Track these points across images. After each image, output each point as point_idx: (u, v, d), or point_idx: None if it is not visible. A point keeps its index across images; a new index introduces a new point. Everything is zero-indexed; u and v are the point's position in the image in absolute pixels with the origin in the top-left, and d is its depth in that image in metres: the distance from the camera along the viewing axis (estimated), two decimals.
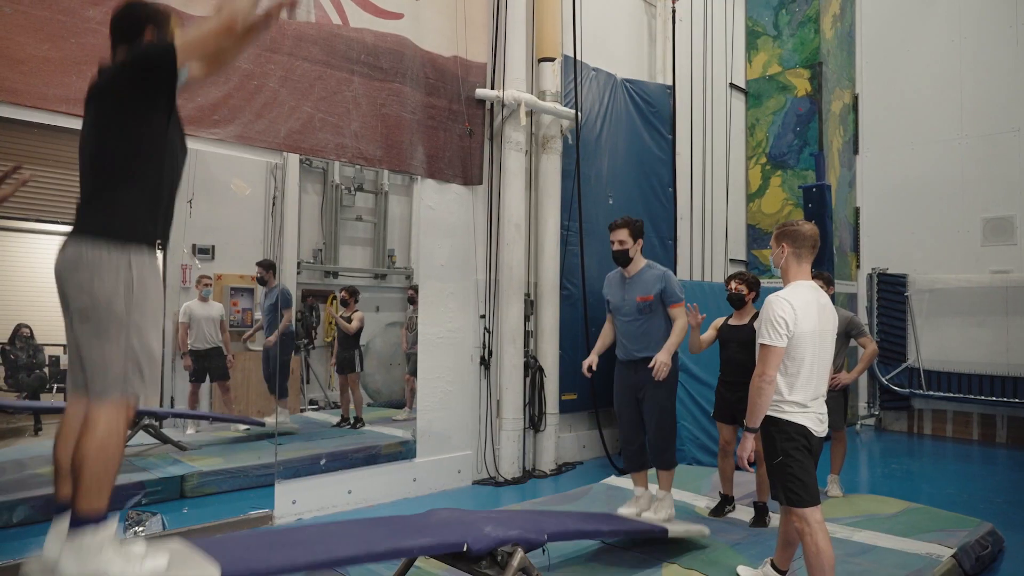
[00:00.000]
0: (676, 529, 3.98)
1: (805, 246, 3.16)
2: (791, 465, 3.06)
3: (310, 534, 3.06)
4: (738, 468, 4.45)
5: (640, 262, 4.36)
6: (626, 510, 4.36)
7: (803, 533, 3.05)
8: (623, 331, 4.39)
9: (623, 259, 4.34)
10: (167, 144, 2.42)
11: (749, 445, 3.17)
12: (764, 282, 5.76)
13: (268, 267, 6.00)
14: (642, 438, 4.41)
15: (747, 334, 4.54)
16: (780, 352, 3.02)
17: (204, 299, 5.97)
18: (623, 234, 4.29)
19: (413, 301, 6.37)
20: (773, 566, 3.53)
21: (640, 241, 4.35)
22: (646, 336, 4.27)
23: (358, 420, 6.49)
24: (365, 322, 6.58)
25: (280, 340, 5.97)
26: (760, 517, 4.55)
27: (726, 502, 4.78)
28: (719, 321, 4.89)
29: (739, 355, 4.59)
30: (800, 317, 3.02)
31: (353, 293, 6.49)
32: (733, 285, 4.80)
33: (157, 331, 2.40)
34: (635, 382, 4.32)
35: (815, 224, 3.30)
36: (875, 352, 5.31)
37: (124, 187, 2.33)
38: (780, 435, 3.10)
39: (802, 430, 3.08)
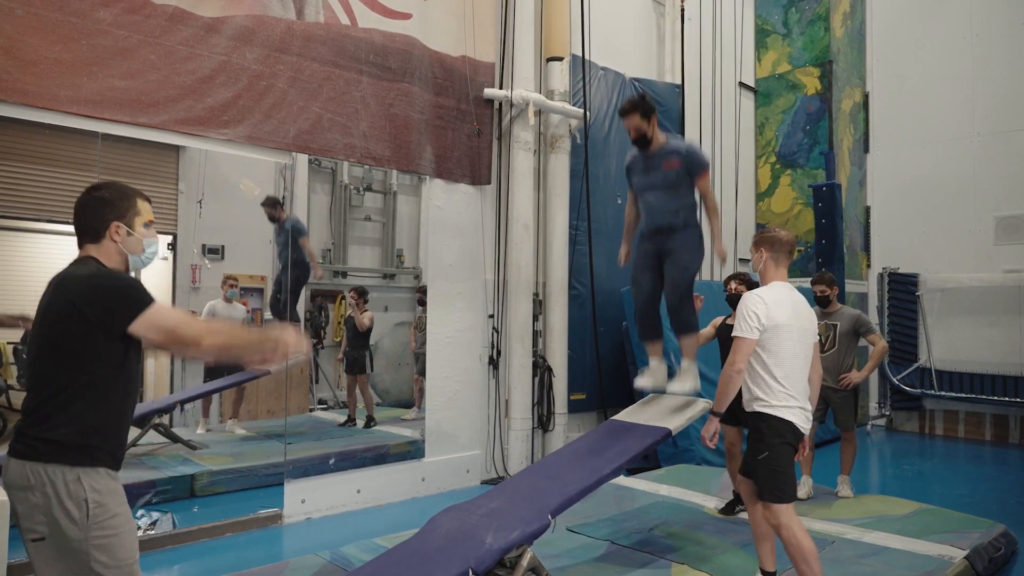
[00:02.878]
0: (679, 421, 3.96)
1: (782, 251, 3.32)
2: (777, 460, 3.12)
3: None
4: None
5: (660, 138, 4.17)
6: (642, 380, 4.28)
7: (781, 528, 3.11)
8: (648, 208, 4.24)
9: (642, 142, 4.17)
10: (124, 372, 2.10)
11: (712, 427, 3.31)
12: None
13: (274, 204, 6.01)
14: (657, 307, 4.33)
15: None
16: (751, 344, 3.13)
17: (229, 300, 5.98)
18: (635, 119, 4.11)
19: (423, 303, 6.36)
20: (763, 573, 3.49)
21: (655, 118, 4.15)
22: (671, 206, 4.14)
23: (370, 419, 6.49)
24: (375, 321, 6.59)
25: (294, 267, 5.99)
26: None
27: (737, 501, 4.76)
28: (718, 320, 4.83)
29: None
30: (772, 312, 3.13)
31: (362, 293, 6.50)
32: (733, 285, 4.71)
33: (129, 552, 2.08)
34: (659, 246, 4.20)
35: (827, 223, 3.34)
36: (885, 349, 5.26)
37: (73, 408, 2.02)
38: (770, 431, 3.15)
39: (790, 427, 3.14)
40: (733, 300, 4.66)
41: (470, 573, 2.88)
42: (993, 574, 4.05)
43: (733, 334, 3.19)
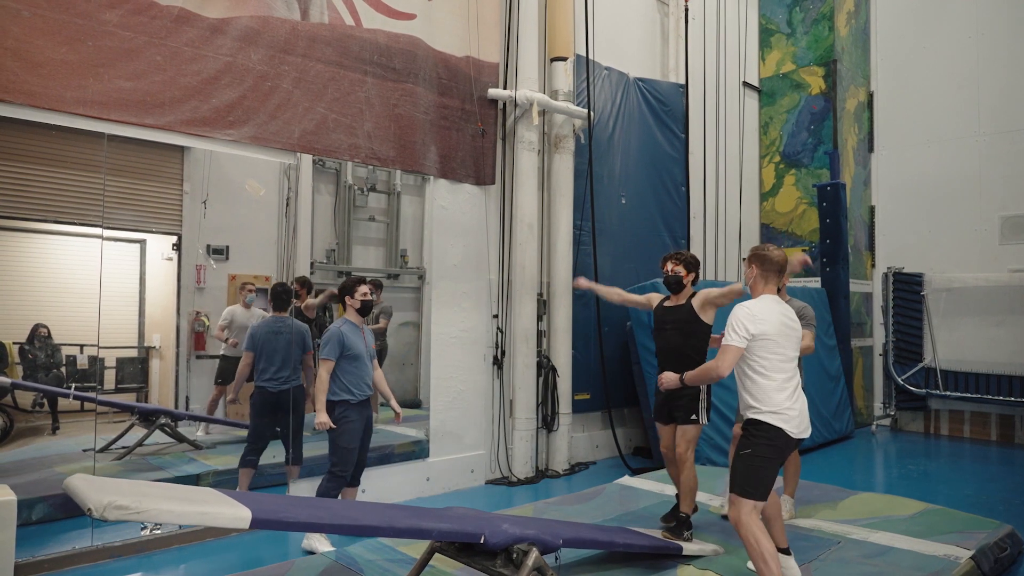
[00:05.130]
0: (691, 547, 3.97)
1: (772, 270, 3.42)
2: (756, 458, 3.21)
3: (338, 503, 3.29)
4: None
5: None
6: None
7: (740, 526, 3.20)
8: None
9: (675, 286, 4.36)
10: None
11: (670, 379, 3.60)
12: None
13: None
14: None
15: (684, 314, 4.21)
16: (739, 352, 3.24)
17: (247, 306, 5.93)
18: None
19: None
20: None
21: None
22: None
23: None
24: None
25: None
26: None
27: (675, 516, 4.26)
28: (654, 298, 4.46)
29: (675, 338, 4.23)
30: (761, 324, 3.24)
31: (304, 284, 5.64)
32: (670, 266, 4.28)
33: None
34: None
35: (832, 223, 3.35)
36: (809, 348, 4.48)
37: None
38: (757, 432, 3.24)
39: (779, 432, 3.21)
40: (671, 283, 4.31)
41: (483, 538, 3.00)
42: (999, 574, 4.04)
43: (724, 341, 3.26)
